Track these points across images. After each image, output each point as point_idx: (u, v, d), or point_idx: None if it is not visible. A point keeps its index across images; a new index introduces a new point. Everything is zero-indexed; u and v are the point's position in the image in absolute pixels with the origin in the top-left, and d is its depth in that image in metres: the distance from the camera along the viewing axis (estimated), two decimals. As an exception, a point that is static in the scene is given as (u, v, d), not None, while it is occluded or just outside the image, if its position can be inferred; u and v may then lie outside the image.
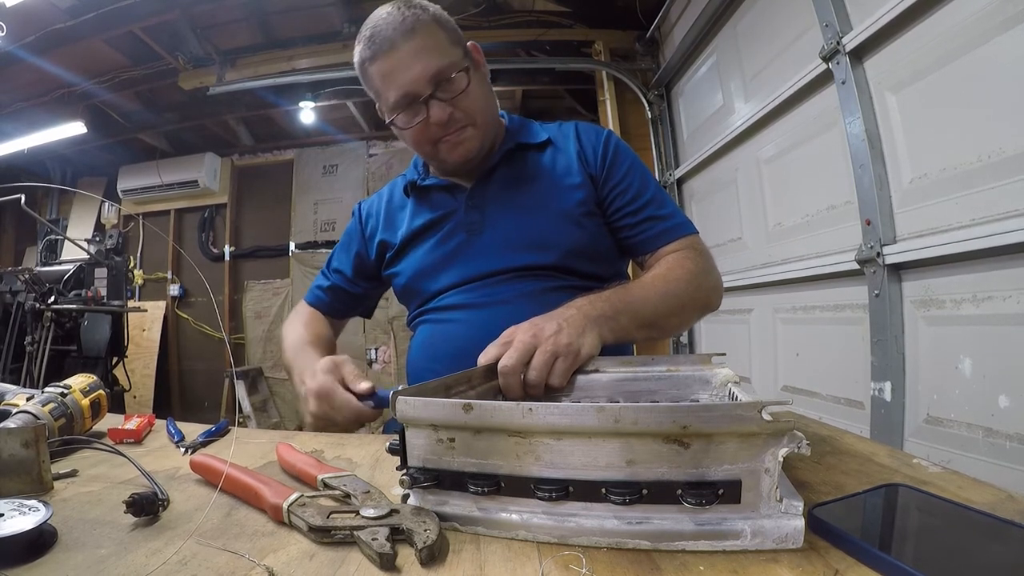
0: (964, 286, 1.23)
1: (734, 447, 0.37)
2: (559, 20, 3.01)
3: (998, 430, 1.14)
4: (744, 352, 2.16)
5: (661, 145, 2.92)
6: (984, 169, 1.17)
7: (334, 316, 1.07)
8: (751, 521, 0.38)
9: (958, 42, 1.21)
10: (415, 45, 0.79)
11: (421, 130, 0.84)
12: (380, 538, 0.38)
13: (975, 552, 0.35)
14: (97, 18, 2.74)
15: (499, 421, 0.40)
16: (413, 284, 0.95)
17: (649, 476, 0.38)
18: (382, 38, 0.79)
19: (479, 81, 0.86)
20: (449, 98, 0.81)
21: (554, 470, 0.40)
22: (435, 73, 0.79)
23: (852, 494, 0.43)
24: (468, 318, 0.87)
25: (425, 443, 0.43)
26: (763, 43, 2.01)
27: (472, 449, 0.41)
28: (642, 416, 0.37)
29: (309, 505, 0.44)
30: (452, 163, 0.89)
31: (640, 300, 0.77)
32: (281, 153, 4.59)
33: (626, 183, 0.91)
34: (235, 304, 4.51)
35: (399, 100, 0.81)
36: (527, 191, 0.92)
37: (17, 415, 0.62)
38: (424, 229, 0.94)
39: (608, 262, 0.94)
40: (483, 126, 0.87)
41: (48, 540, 0.42)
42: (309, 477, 0.52)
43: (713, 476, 0.38)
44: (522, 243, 0.88)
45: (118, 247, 3.82)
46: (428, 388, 0.53)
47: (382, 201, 1.04)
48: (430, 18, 0.81)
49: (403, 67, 0.79)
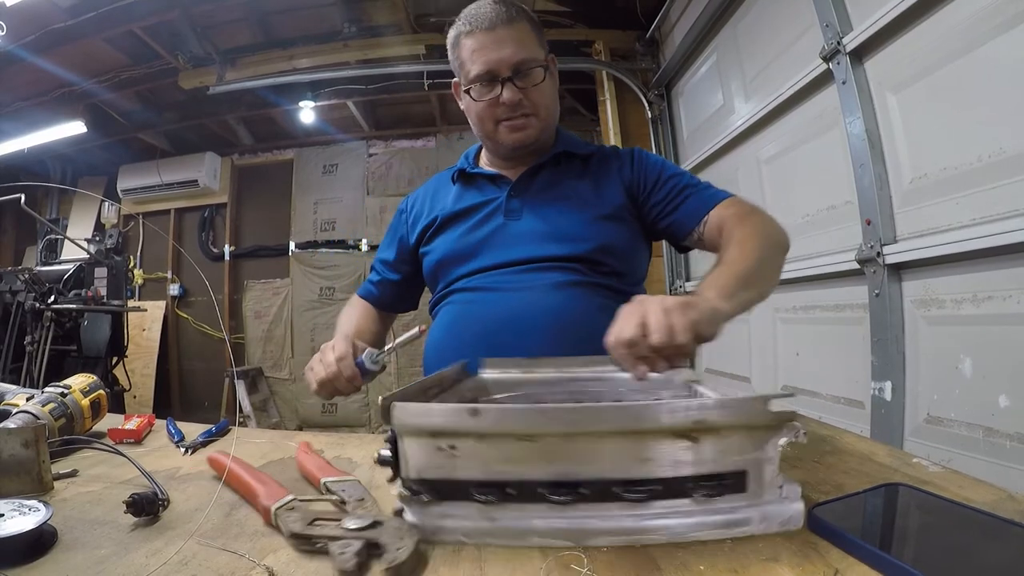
0: (964, 286, 1.23)
1: (739, 439, 0.38)
2: (559, 20, 3.01)
3: (998, 430, 1.13)
4: (744, 352, 2.16)
5: (661, 145, 2.91)
6: (984, 169, 1.17)
7: (382, 308, 1.12)
8: (756, 508, 0.39)
9: (958, 42, 1.21)
10: (510, 32, 0.88)
11: (490, 107, 0.91)
12: (348, 553, 0.36)
13: (975, 551, 0.35)
14: (97, 17, 2.74)
15: (508, 425, 0.39)
16: (444, 262, 0.99)
17: (662, 473, 0.39)
18: (484, 17, 0.89)
19: (551, 83, 0.95)
20: (523, 86, 0.89)
21: (567, 472, 0.39)
22: (519, 61, 0.88)
23: (852, 493, 0.43)
24: (494, 300, 0.90)
25: (423, 452, 0.40)
26: (763, 43, 2.01)
27: (477, 456, 0.39)
28: (663, 414, 0.38)
29: (298, 509, 0.43)
30: (508, 145, 0.95)
31: (739, 272, 0.72)
32: (281, 153, 4.59)
33: (664, 177, 0.95)
34: (235, 304, 4.51)
35: (481, 74, 0.89)
36: (568, 191, 0.97)
37: (17, 415, 0.62)
38: (464, 212, 0.99)
39: (633, 262, 0.96)
40: (544, 120, 0.95)
41: (48, 540, 0.42)
42: (315, 479, 0.52)
43: (721, 468, 0.39)
44: (556, 235, 0.92)
45: (118, 247, 3.82)
46: (409, 392, 0.51)
47: (428, 190, 1.10)
48: (527, 17, 0.92)
49: (494, 47, 0.88)
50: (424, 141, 4.39)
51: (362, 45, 3.15)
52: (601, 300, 0.90)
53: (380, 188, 4.35)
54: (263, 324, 4.42)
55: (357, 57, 3.19)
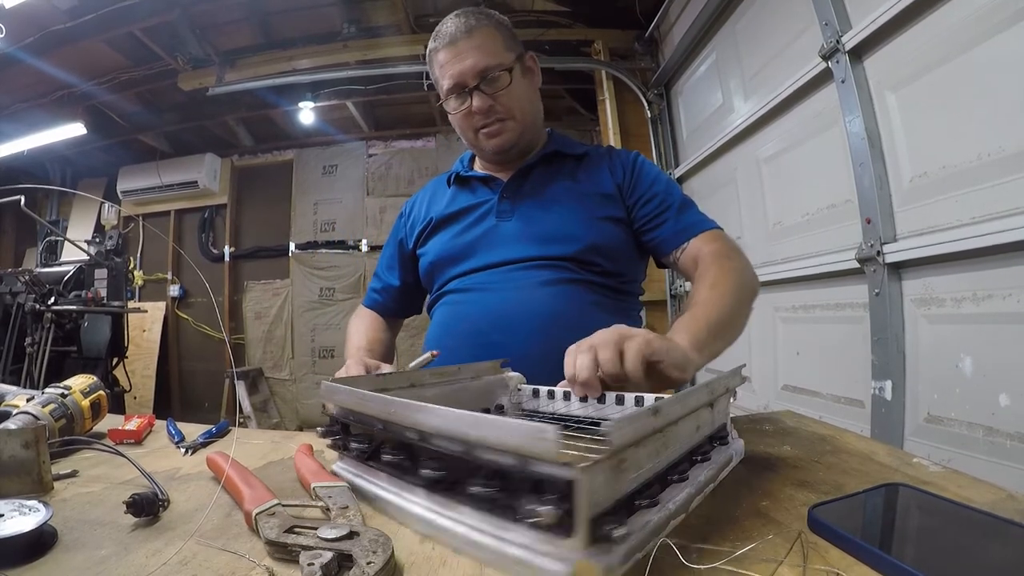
0: (964, 284, 1.23)
1: (723, 401, 0.53)
2: (559, 20, 3.01)
3: (998, 429, 1.13)
4: (744, 351, 2.16)
5: (661, 144, 2.91)
6: (984, 167, 1.17)
7: (389, 316, 1.14)
8: (730, 448, 0.53)
9: (958, 40, 1.21)
10: (470, 43, 0.90)
11: (466, 117, 0.94)
12: (316, 564, 0.35)
13: (976, 551, 0.35)
14: (97, 19, 2.74)
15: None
16: (438, 264, 1.01)
17: (697, 439, 0.48)
18: (446, 33, 0.92)
19: (525, 84, 0.96)
20: (491, 92, 0.91)
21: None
22: (482, 69, 0.90)
23: (852, 493, 0.43)
24: (484, 299, 0.92)
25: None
26: (762, 42, 2.01)
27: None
28: (702, 394, 0.47)
29: (279, 515, 0.42)
30: (489, 150, 0.97)
31: (709, 317, 0.72)
32: (281, 153, 4.59)
33: (653, 190, 0.96)
34: (235, 304, 4.51)
35: (450, 87, 0.92)
36: (559, 192, 0.98)
37: (17, 416, 0.62)
38: (458, 213, 1.01)
39: (626, 264, 0.96)
40: (522, 121, 0.96)
41: (48, 541, 0.42)
42: (307, 483, 0.51)
43: (717, 424, 0.52)
44: (546, 234, 0.93)
45: (118, 248, 3.81)
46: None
47: (426, 193, 1.12)
48: (491, 24, 0.94)
49: (457, 60, 0.90)
50: (424, 141, 4.39)
51: (362, 45, 3.15)
52: (594, 297, 0.90)
53: (380, 188, 4.35)
54: (263, 325, 4.42)
55: (357, 57, 3.19)
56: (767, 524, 0.41)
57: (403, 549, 0.40)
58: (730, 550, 0.37)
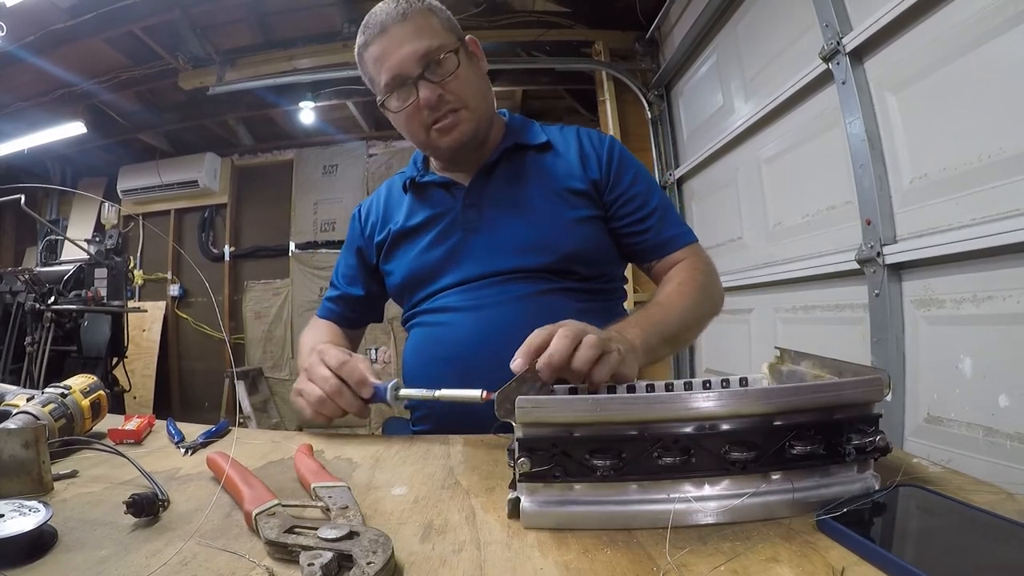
0: (964, 286, 1.23)
1: None
2: (559, 20, 3.01)
3: (998, 429, 1.13)
4: (744, 352, 2.16)
5: (661, 145, 2.91)
6: (984, 169, 1.17)
7: (347, 326, 1.05)
8: None
9: (958, 42, 1.21)
10: (404, 28, 0.80)
11: (413, 113, 0.83)
12: (316, 564, 0.35)
13: (979, 551, 0.35)
14: (97, 18, 2.74)
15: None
16: (407, 284, 0.94)
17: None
18: (375, 23, 0.82)
19: (473, 68, 0.87)
20: (439, 80, 0.81)
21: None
22: (424, 53, 0.80)
23: (863, 494, 0.43)
24: (461, 320, 0.86)
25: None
26: (763, 43, 2.01)
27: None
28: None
29: (279, 516, 0.42)
30: (445, 148, 0.87)
31: (664, 321, 0.76)
32: (281, 153, 4.59)
33: (633, 191, 0.91)
34: (235, 304, 4.51)
35: (390, 81, 0.82)
36: (526, 192, 0.90)
37: (17, 416, 0.62)
38: (420, 227, 0.93)
39: (606, 265, 0.93)
40: (476, 111, 0.86)
41: (48, 541, 0.42)
42: (307, 483, 0.51)
43: None
44: (519, 245, 0.87)
45: (118, 247, 3.82)
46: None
47: (380, 199, 1.02)
48: (423, 6, 0.83)
49: (393, 49, 0.80)
50: (424, 141, 4.38)
51: (362, 45, 3.15)
52: (578, 304, 0.86)
53: (380, 188, 4.36)
54: (263, 324, 4.42)
55: (357, 57, 3.19)
56: (767, 524, 0.41)
57: (403, 549, 0.39)
58: (730, 550, 0.37)
